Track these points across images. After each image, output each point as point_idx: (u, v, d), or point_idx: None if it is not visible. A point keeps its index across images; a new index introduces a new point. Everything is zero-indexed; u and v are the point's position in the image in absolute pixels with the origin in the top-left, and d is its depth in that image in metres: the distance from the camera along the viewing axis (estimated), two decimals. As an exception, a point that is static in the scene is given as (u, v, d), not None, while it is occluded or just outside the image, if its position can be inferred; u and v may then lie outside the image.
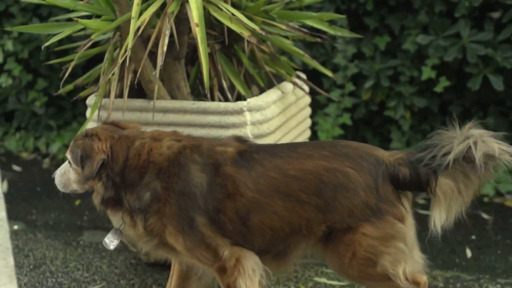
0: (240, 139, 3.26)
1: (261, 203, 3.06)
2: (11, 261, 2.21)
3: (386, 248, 3.02)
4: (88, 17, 3.83)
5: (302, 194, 3.04)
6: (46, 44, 3.61)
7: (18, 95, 6.52)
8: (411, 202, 3.15)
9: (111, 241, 3.37)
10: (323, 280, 3.90)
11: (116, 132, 3.27)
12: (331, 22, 4.52)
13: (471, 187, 3.01)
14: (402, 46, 5.31)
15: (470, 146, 2.93)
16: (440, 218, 3.02)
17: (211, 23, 3.87)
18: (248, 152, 3.14)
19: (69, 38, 4.14)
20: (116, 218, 3.34)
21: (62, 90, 3.97)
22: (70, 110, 6.52)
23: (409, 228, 3.07)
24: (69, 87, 4.02)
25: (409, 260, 3.09)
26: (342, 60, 5.45)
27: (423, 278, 3.17)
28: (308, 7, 4.65)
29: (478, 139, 2.94)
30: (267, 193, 3.06)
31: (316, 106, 5.49)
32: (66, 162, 3.33)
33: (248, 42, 3.92)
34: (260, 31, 3.51)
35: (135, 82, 3.63)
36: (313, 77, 5.02)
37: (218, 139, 3.35)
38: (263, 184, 3.06)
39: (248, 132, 3.57)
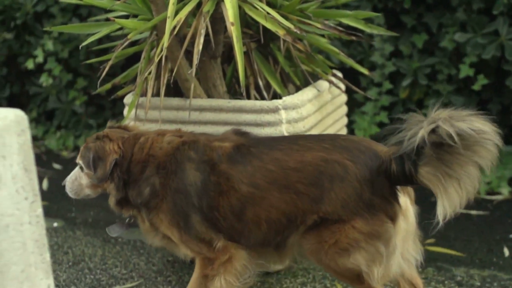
0: (239, 133, 3.28)
1: (257, 197, 3.07)
2: (47, 256, 2.23)
3: (367, 245, 3.00)
4: (126, 16, 3.87)
5: (300, 185, 3.03)
6: (84, 43, 3.65)
7: (58, 94, 6.60)
8: (413, 199, 3.11)
9: (115, 231, 3.48)
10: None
11: (125, 133, 3.34)
12: (368, 20, 4.50)
13: (460, 168, 2.84)
14: (440, 44, 5.27)
15: (435, 128, 2.79)
16: (441, 208, 2.87)
17: (246, 22, 3.88)
18: (245, 146, 3.15)
19: (108, 38, 4.19)
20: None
21: (100, 89, 4.01)
22: (110, 109, 6.57)
23: (398, 228, 3.01)
24: (107, 86, 4.06)
25: (384, 264, 3.03)
26: (380, 58, 5.43)
27: None
28: (345, 6, 4.64)
29: (447, 118, 2.79)
30: (263, 186, 3.06)
31: (354, 104, 5.48)
32: (77, 168, 3.37)
33: (284, 40, 3.92)
34: (296, 30, 3.52)
35: (172, 81, 3.65)
36: (351, 75, 5.01)
37: (217, 134, 3.36)
38: (260, 178, 3.07)
39: (283, 130, 3.58)
